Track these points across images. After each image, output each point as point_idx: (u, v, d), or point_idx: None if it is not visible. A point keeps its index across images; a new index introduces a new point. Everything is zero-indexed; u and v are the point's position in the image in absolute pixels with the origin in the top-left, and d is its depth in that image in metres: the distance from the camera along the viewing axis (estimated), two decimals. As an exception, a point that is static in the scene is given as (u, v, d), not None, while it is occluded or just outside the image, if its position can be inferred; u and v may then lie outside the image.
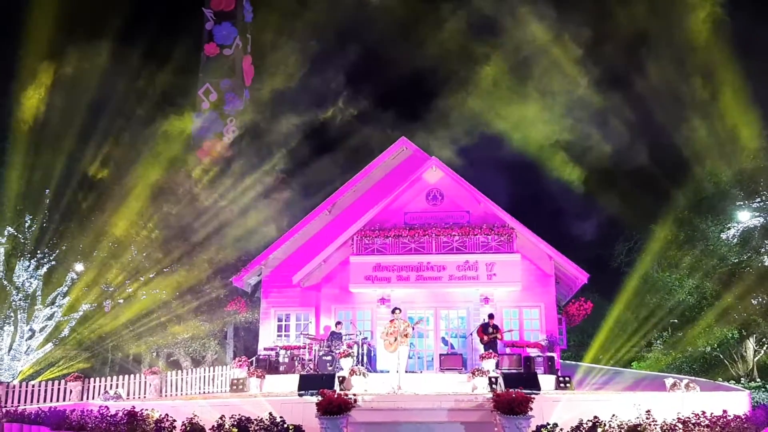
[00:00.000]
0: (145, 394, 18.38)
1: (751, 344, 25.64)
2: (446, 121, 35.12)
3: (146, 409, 12.35)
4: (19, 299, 21.84)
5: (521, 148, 33.72)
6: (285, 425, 11.10)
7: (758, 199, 24.25)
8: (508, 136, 33.27)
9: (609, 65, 33.04)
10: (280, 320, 21.54)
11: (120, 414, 12.40)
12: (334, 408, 11.00)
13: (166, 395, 18.79)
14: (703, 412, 11.49)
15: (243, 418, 11.30)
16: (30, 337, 22.17)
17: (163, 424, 11.71)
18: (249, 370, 18.31)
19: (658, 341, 27.63)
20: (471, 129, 34.55)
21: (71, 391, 17.47)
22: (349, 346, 18.13)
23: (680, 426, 11.16)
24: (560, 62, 32.61)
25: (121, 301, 23.71)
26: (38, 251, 22.17)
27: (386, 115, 38.51)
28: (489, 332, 18.08)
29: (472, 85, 35.62)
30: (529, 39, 32.70)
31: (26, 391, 17.44)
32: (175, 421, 11.76)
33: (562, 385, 16.86)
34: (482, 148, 34.68)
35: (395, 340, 15.35)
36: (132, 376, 18.81)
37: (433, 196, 21.41)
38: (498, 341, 18.22)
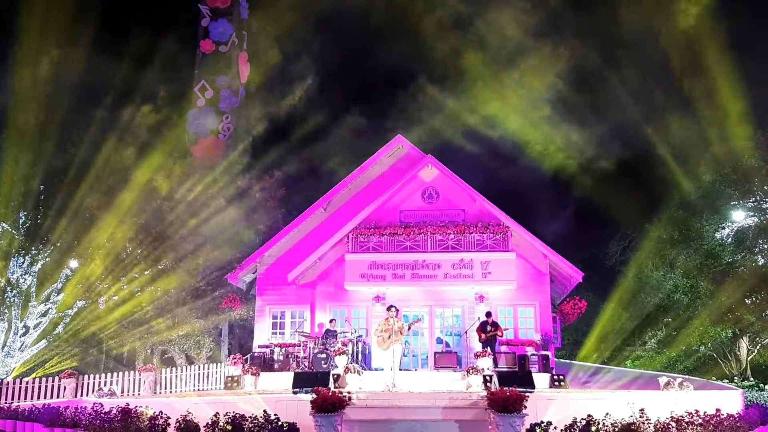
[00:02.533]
0: (139, 391, 18.36)
1: (744, 343, 25.74)
2: (425, 117, 35.36)
3: (140, 407, 12.32)
4: (13, 296, 21.78)
5: (511, 146, 33.98)
6: (279, 423, 11.10)
7: (752, 199, 24.33)
8: (496, 134, 33.53)
9: (596, 62, 33.26)
10: (275, 318, 21.52)
11: (114, 411, 12.37)
12: (329, 406, 11.01)
13: (160, 392, 18.77)
14: (697, 411, 11.52)
15: (237, 415, 11.29)
16: (24, 334, 22.11)
17: (157, 422, 11.69)
18: (244, 367, 18.29)
19: (652, 340, 27.71)
20: (454, 126, 34.77)
21: (65, 388, 17.43)
22: (344, 344, 18.14)
23: (674, 425, 11.20)
24: (545, 59, 32.80)
25: (116, 297, 23.65)
26: (33, 248, 22.11)
27: (364, 110, 38.79)
28: (487, 330, 18.10)
29: (451, 80, 35.87)
30: (510, 33, 32.90)
31: (20, 387, 17.40)
32: (169, 418, 11.73)
33: (556, 383, 16.89)
34: (470, 147, 34.91)
35: (389, 337, 15.34)
36: (126, 373, 18.78)
37: (429, 195, 21.41)
38: (496, 339, 18.25)
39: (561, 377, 17.18)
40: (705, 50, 28.08)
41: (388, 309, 16.03)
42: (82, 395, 17.20)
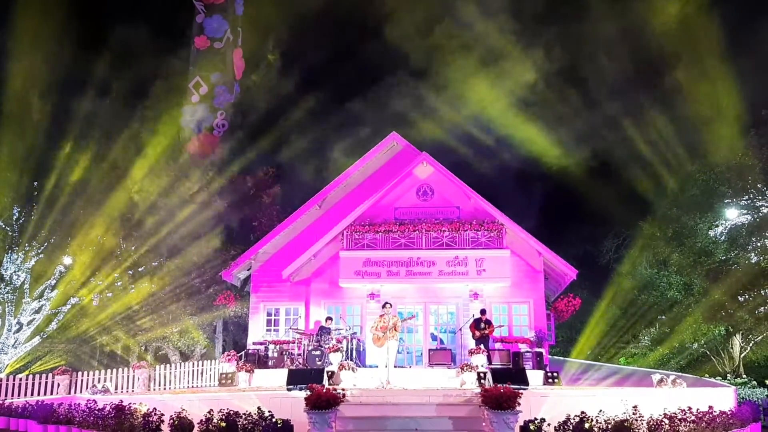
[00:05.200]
0: (133, 388, 18.33)
1: (737, 341, 25.85)
2: (413, 116, 35.46)
3: (134, 403, 12.29)
4: (7, 292, 21.71)
5: (501, 143, 34.12)
6: (273, 419, 11.08)
7: (746, 197, 24.41)
8: (485, 132, 33.64)
9: (584, 59, 33.38)
10: (269, 315, 21.48)
11: (108, 408, 12.34)
12: (323, 402, 10.99)
13: (154, 389, 18.75)
14: (690, 408, 11.56)
15: (231, 412, 11.26)
16: (17, 331, 22.05)
17: (151, 418, 11.66)
18: (238, 364, 18.26)
19: (645, 337, 27.82)
20: (443, 125, 34.91)
21: (59, 385, 17.42)
22: (339, 341, 18.13)
23: (666, 421, 11.23)
24: (532, 56, 32.95)
25: (110, 294, 23.60)
26: (27, 244, 22.03)
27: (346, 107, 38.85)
28: (481, 327, 18.14)
29: (436, 79, 35.97)
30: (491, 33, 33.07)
31: (13, 384, 17.36)
32: (163, 415, 11.70)
33: (550, 380, 16.94)
34: (460, 144, 35.02)
35: (384, 334, 15.34)
36: (120, 369, 18.76)
37: (424, 192, 21.41)
38: (489, 336, 18.29)
39: (555, 374, 17.23)
40: (697, 46, 28.21)
41: (384, 306, 16.02)
42: (75, 392, 17.17)
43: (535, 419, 10.87)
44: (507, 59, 33.43)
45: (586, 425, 10.76)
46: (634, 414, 11.15)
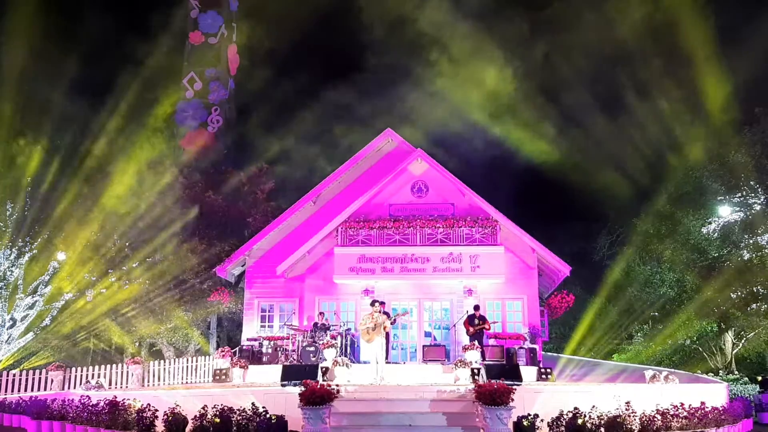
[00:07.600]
0: (127, 383, 18.31)
1: (729, 337, 25.98)
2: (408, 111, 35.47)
3: (128, 399, 12.29)
4: (0, 288, 21.62)
5: (495, 140, 34.20)
6: (268, 415, 11.09)
7: (738, 194, 24.51)
8: (475, 129, 33.68)
9: (579, 54, 33.45)
10: (263, 311, 21.50)
11: (101, 404, 12.34)
12: (317, 398, 11.00)
13: (148, 385, 18.74)
14: (682, 404, 11.64)
15: (225, 408, 11.27)
16: (11, 326, 21.97)
17: (144, 414, 11.66)
18: (232, 360, 18.27)
19: (638, 334, 27.94)
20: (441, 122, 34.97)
21: (52, 381, 17.38)
22: (333, 337, 18.15)
23: (659, 417, 11.30)
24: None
25: (104, 290, 23.53)
26: (20, 239, 21.95)
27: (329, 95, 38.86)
28: (475, 324, 18.18)
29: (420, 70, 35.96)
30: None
31: (7, 380, 17.31)
32: (157, 411, 11.70)
33: (543, 376, 17.02)
34: (456, 141, 35.05)
35: (373, 329, 15.35)
36: (114, 365, 18.72)
37: (418, 188, 21.43)
38: (484, 332, 18.34)
39: (548, 370, 17.31)
40: (691, 43, 28.30)
41: (372, 304, 16.00)
42: (69, 388, 17.14)
43: (529, 415, 10.92)
44: (491, 55, 33.53)
45: (579, 421, 10.81)
46: (626, 410, 11.22)
